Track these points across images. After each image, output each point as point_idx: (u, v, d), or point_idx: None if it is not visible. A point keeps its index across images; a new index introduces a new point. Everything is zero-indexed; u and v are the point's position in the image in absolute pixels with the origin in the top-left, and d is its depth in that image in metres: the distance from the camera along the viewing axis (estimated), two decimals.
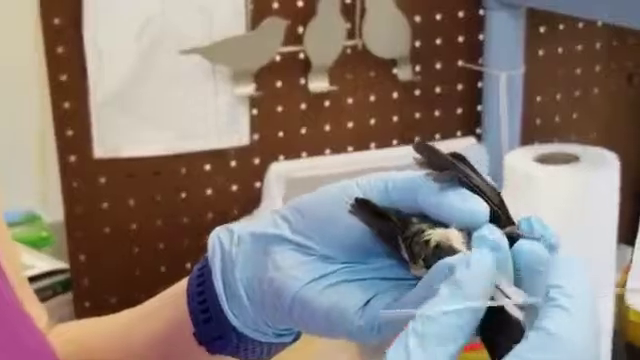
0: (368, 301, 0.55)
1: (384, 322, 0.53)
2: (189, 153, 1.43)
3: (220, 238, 0.60)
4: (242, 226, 0.60)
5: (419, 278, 0.51)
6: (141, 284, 1.47)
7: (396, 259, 0.54)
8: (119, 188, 1.43)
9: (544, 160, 1.32)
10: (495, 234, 0.49)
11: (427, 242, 0.50)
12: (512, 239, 0.50)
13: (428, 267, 0.50)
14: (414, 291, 0.52)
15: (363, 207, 0.54)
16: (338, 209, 0.55)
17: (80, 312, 1.47)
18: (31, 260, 1.62)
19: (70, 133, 1.40)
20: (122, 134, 1.41)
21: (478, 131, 1.55)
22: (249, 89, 1.42)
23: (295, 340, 0.64)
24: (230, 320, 0.60)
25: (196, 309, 0.61)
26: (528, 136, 1.56)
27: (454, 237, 0.49)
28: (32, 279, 1.54)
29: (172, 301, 0.64)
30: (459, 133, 1.57)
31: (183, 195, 1.46)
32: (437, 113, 1.53)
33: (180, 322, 0.62)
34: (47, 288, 1.57)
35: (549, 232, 0.50)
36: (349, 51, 1.45)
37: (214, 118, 1.41)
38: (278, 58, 1.43)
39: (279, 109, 1.45)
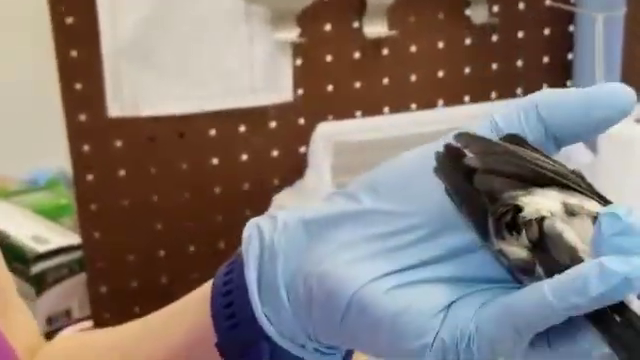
0: (449, 305, 0.49)
1: (483, 335, 0.47)
2: (220, 112, 1.36)
3: (260, 226, 0.55)
4: (289, 212, 0.55)
5: (511, 267, 0.48)
6: (166, 266, 1.38)
7: (478, 234, 0.49)
8: (138, 153, 1.35)
9: None
10: (631, 217, 0.45)
11: (518, 208, 0.47)
12: None
13: (532, 250, 0.47)
14: (522, 297, 0.46)
15: (453, 159, 0.49)
16: (421, 173, 0.51)
17: (96, 299, 1.37)
18: (46, 233, 1.54)
19: (79, 87, 1.31)
20: (140, 89, 1.32)
21: (568, 84, 1.48)
22: (291, 34, 1.35)
23: None
24: (263, 326, 0.54)
25: (220, 314, 0.56)
26: None
27: (551, 211, 0.47)
28: (45, 256, 1.47)
29: (193, 307, 0.59)
30: (545, 86, 1.48)
31: (214, 161, 1.38)
32: (519, 63, 1.46)
33: (201, 333, 0.57)
34: (62, 266, 1.53)
35: None
36: None
37: (249, 70, 1.35)
38: None
39: (328, 58, 1.38)
